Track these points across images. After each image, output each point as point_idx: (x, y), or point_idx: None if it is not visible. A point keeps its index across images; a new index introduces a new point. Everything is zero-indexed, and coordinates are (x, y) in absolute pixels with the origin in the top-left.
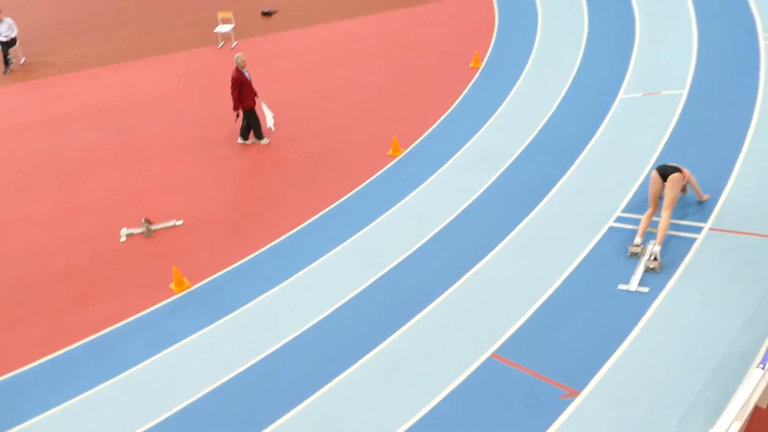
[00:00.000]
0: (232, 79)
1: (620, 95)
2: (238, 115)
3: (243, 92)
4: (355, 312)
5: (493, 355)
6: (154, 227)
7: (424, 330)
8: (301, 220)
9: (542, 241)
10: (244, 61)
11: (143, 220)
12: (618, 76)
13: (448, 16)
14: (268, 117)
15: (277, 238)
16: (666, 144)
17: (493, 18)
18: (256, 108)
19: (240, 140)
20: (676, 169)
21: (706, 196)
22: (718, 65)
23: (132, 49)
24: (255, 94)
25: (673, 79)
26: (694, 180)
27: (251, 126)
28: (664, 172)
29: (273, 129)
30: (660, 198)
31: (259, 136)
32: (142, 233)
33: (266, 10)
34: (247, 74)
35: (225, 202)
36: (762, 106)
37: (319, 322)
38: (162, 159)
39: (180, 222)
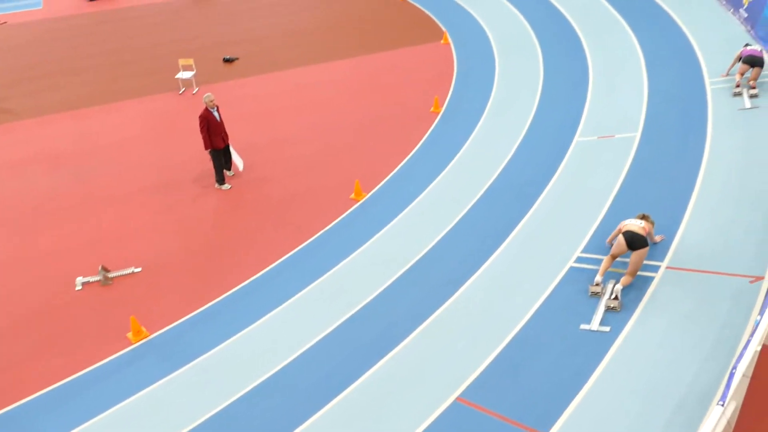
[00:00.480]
0: (200, 117)
1: (576, 138)
2: (210, 151)
3: (211, 131)
4: (321, 355)
5: (458, 398)
6: (111, 275)
7: (391, 373)
8: (264, 265)
9: (505, 282)
10: (212, 101)
11: (100, 268)
12: (573, 120)
13: (408, 63)
14: (237, 161)
15: (240, 282)
16: (622, 185)
17: (452, 65)
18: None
19: (224, 186)
20: (644, 243)
21: (658, 238)
22: (668, 109)
23: (91, 95)
24: (224, 136)
25: (626, 122)
26: (652, 231)
27: (214, 166)
28: (632, 243)
29: (242, 170)
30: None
31: (219, 180)
32: (98, 281)
33: (228, 56)
34: (216, 114)
35: (186, 247)
36: (711, 148)
37: (286, 365)
38: (121, 205)
39: (139, 269)
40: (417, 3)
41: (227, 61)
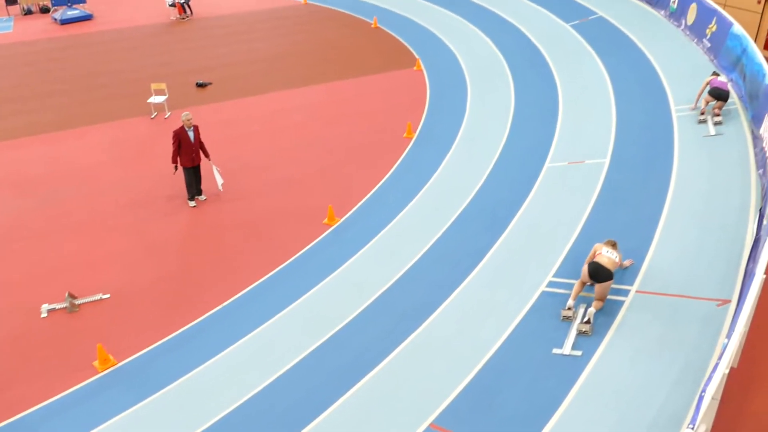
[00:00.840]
0: (174, 133)
1: (547, 164)
2: (176, 168)
3: (182, 149)
4: (294, 382)
5: (431, 425)
6: (78, 302)
7: (364, 399)
8: (236, 290)
9: (478, 306)
10: (189, 120)
11: (66, 294)
12: (544, 146)
13: (381, 89)
14: (218, 180)
15: (211, 309)
16: (592, 210)
17: (425, 91)
18: (212, 169)
19: (192, 203)
20: (608, 276)
21: (627, 262)
22: (636, 136)
23: (62, 119)
24: (195, 156)
25: (596, 148)
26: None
27: (185, 182)
28: (595, 275)
29: (221, 190)
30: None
31: (188, 197)
32: (65, 308)
33: (201, 81)
34: (191, 134)
35: (156, 272)
36: (677, 174)
37: (258, 392)
38: (90, 230)
39: (107, 295)
40: (390, 30)
41: (200, 85)
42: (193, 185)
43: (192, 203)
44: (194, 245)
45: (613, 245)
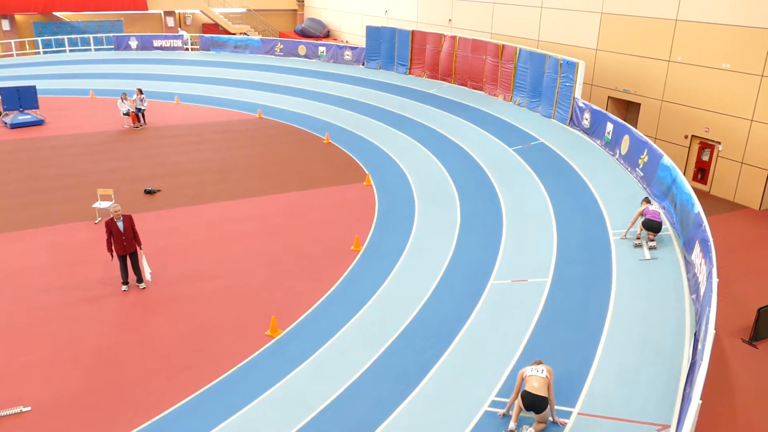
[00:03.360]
0: (105, 224)
1: (491, 281)
2: (112, 257)
3: (114, 239)
4: None
5: None
6: None
7: None
8: (170, 404)
9: (420, 425)
10: (117, 212)
11: None
12: (489, 264)
13: (330, 202)
14: (146, 270)
15: (143, 423)
16: (534, 328)
17: (374, 205)
18: (139, 257)
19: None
20: (544, 404)
21: (560, 422)
22: (576, 257)
23: None
24: (126, 245)
25: (538, 268)
26: (552, 384)
27: (120, 268)
28: (532, 406)
29: (150, 279)
30: None
31: (122, 280)
32: None
33: (149, 188)
34: (120, 224)
35: (84, 382)
36: (616, 295)
37: None
38: (12, 337)
39: (28, 408)
40: (342, 146)
41: (148, 192)
42: (125, 271)
43: (124, 287)
44: (127, 355)
45: (539, 362)
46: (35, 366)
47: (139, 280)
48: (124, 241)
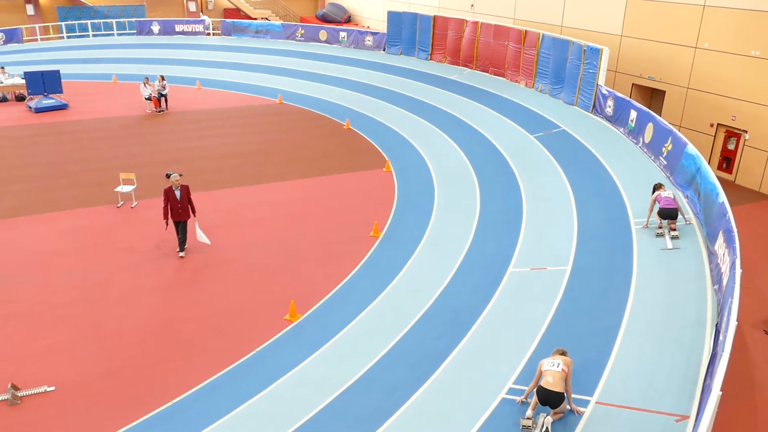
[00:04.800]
0: (164, 191)
1: (510, 269)
2: (167, 224)
3: (171, 206)
4: None
5: None
6: (20, 393)
7: None
8: (189, 386)
9: (437, 411)
10: (176, 181)
11: (9, 386)
12: (508, 251)
13: (350, 188)
14: (202, 237)
15: (162, 405)
16: (553, 317)
17: (393, 192)
18: (192, 225)
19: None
20: (560, 399)
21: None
22: (596, 246)
23: (22, 205)
24: (181, 212)
25: (557, 256)
26: (570, 375)
27: (180, 235)
28: (546, 402)
29: (208, 242)
30: None
31: (180, 247)
32: (6, 400)
33: (171, 173)
34: (177, 193)
35: (105, 365)
36: (636, 285)
37: None
38: (35, 319)
39: (52, 388)
40: (362, 132)
41: (170, 177)
42: (179, 238)
43: (181, 253)
44: (147, 337)
45: (562, 353)
46: (58, 348)
47: (182, 248)
48: (179, 209)
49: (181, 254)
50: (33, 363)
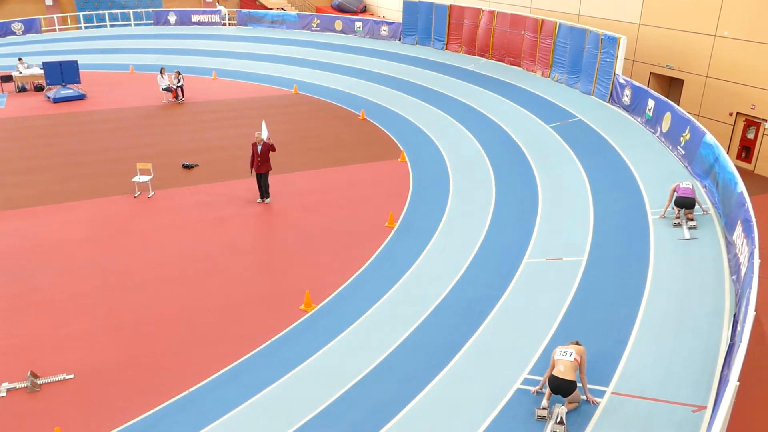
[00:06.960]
0: (251, 145)
1: (525, 259)
2: (252, 172)
3: (253, 159)
4: None
5: None
6: (40, 381)
7: None
8: (205, 375)
9: (452, 401)
10: (258, 138)
11: (29, 373)
12: (523, 242)
13: (365, 179)
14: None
15: (178, 394)
16: (568, 307)
17: (408, 182)
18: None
19: (259, 200)
20: (571, 388)
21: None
22: (613, 236)
23: (42, 194)
24: (261, 164)
25: (573, 246)
26: (585, 364)
27: (259, 186)
28: (557, 391)
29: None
30: None
31: (263, 195)
32: (26, 387)
33: (187, 163)
34: (259, 148)
35: (124, 354)
36: (653, 276)
37: None
38: (55, 308)
39: (71, 376)
40: (377, 123)
41: (186, 167)
42: (260, 187)
43: (259, 200)
44: (165, 327)
45: (576, 344)
46: (78, 336)
47: (265, 195)
48: (259, 162)
49: (266, 200)
50: (52, 351)
